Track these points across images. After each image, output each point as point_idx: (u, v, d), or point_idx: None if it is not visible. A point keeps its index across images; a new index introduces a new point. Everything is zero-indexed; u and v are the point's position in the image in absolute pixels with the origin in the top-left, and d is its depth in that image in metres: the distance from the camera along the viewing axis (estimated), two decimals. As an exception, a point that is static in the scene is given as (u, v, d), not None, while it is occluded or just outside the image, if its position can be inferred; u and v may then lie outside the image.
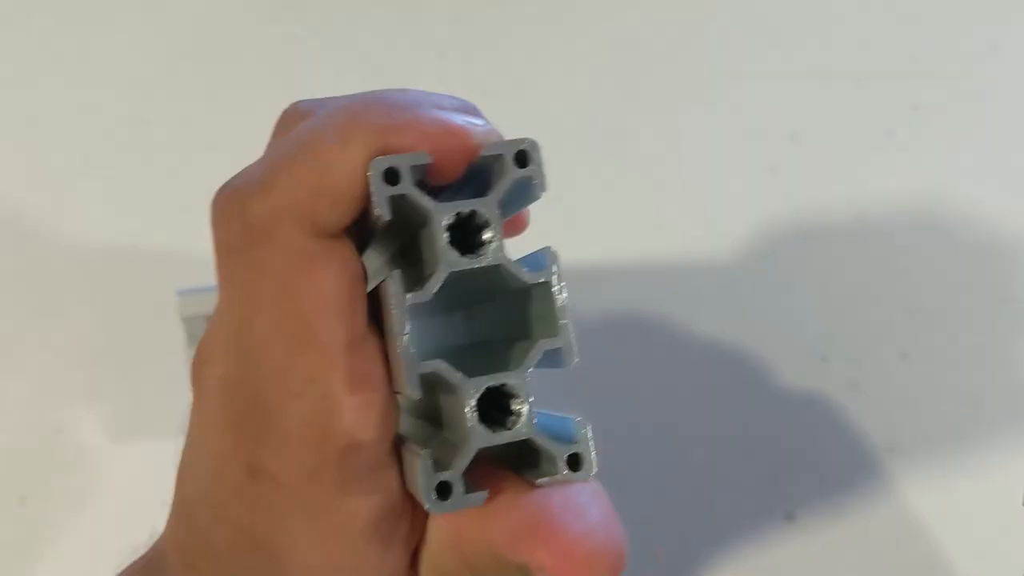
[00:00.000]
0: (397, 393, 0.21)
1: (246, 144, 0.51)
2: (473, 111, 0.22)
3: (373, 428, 0.20)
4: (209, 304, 0.39)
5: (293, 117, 0.22)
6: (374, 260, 0.24)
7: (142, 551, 0.26)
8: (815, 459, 0.46)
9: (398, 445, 0.21)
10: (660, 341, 0.48)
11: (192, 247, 0.52)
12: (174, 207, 0.52)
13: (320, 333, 0.19)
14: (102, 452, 0.47)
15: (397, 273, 0.19)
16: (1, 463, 0.47)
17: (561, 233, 0.51)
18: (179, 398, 0.44)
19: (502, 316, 0.22)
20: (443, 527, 0.21)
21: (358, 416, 0.20)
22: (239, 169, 0.22)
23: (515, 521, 0.20)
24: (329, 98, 0.22)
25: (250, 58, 0.57)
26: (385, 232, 0.21)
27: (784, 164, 0.52)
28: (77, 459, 0.40)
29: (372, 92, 0.21)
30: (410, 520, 0.22)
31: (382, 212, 0.19)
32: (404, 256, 0.22)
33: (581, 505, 0.20)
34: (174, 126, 0.55)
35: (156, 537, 0.25)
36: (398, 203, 0.19)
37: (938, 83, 0.54)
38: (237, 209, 0.20)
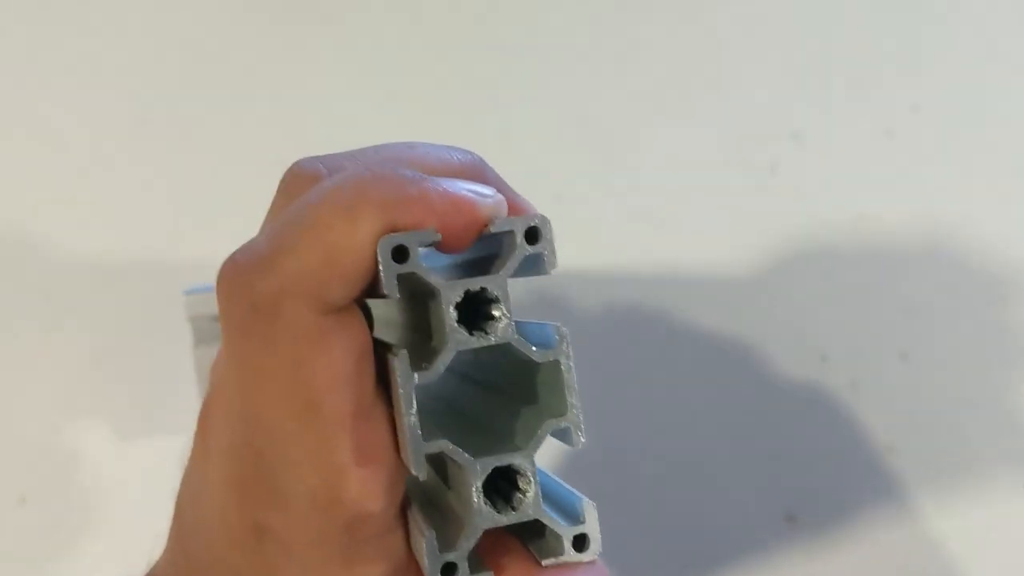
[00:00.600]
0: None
1: (250, 148, 0.52)
2: (479, 168, 0.22)
3: (380, 497, 0.20)
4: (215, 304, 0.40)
5: (297, 180, 0.22)
6: (387, 310, 0.23)
7: (140, 555, 0.26)
8: (815, 459, 0.46)
9: (404, 507, 0.21)
10: (660, 341, 0.48)
11: (197, 247, 0.52)
12: (179, 208, 0.52)
13: (328, 406, 0.19)
14: (104, 452, 0.47)
15: (404, 353, 0.19)
16: (1, 463, 0.47)
17: (561, 233, 0.51)
18: (185, 397, 0.44)
19: (514, 375, 0.22)
20: None
21: (365, 486, 0.20)
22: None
23: None
24: (332, 157, 0.22)
25: (255, 62, 0.57)
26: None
27: (784, 164, 0.52)
28: (77, 459, 0.40)
29: (379, 157, 0.21)
30: None
31: (390, 292, 0.19)
32: (416, 311, 0.21)
33: None
34: (179, 127, 0.55)
35: (152, 562, 0.25)
36: (407, 279, 0.19)
37: (938, 83, 0.54)
38: (244, 287, 0.20)
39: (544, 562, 0.20)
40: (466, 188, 0.20)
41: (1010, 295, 0.49)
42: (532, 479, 0.20)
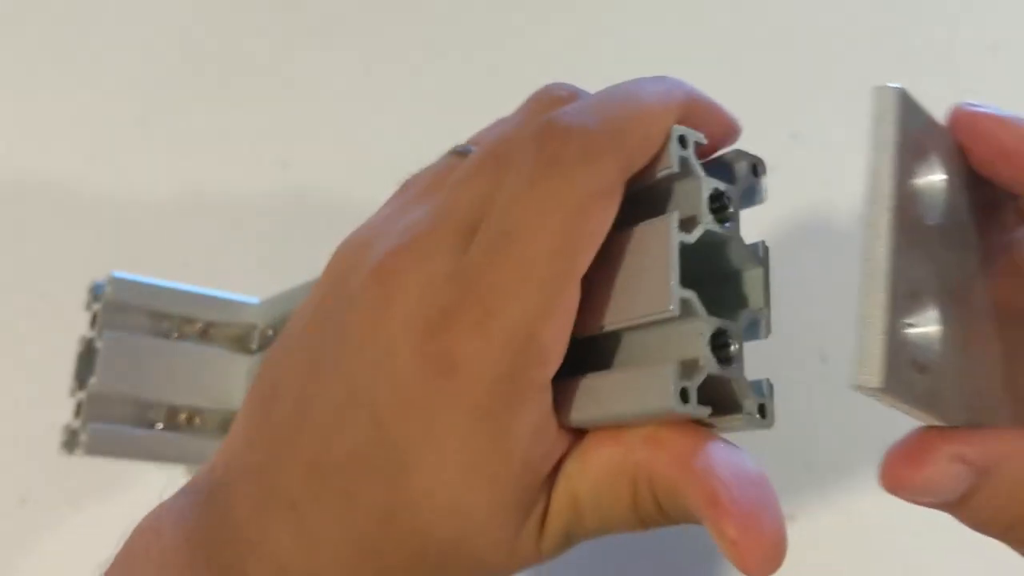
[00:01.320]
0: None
1: (248, 151, 0.51)
2: None
3: (561, 349, 0.22)
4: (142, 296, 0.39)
5: (551, 97, 0.26)
6: None
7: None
8: (815, 459, 0.46)
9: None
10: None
11: (198, 245, 0.52)
12: (181, 206, 0.52)
13: (579, 254, 0.22)
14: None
15: (676, 214, 0.23)
16: (1, 463, 0.47)
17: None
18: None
19: (710, 275, 0.25)
20: (613, 458, 0.23)
21: (557, 335, 0.22)
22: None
23: (714, 484, 0.22)
24: (574, 87, 0.27)
25: (239, 51, 0.57)
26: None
27: (784, 164, 0.52)
28: (77, 459, 0.40)
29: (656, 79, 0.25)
30: (552, 445, 0.23)
31: (674, 165, 0.23)
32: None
33: (770, 493, 0.22)
34: (179, 129, 0.55)
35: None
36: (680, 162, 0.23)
37: (938, 83, 0.54)
38: (578, 133, 0.22)
39: (738, 417, 0.24)
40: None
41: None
42: (740, 345, 0.24)
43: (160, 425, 0.39)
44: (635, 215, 0.24)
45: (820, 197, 0.51)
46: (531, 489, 0.23)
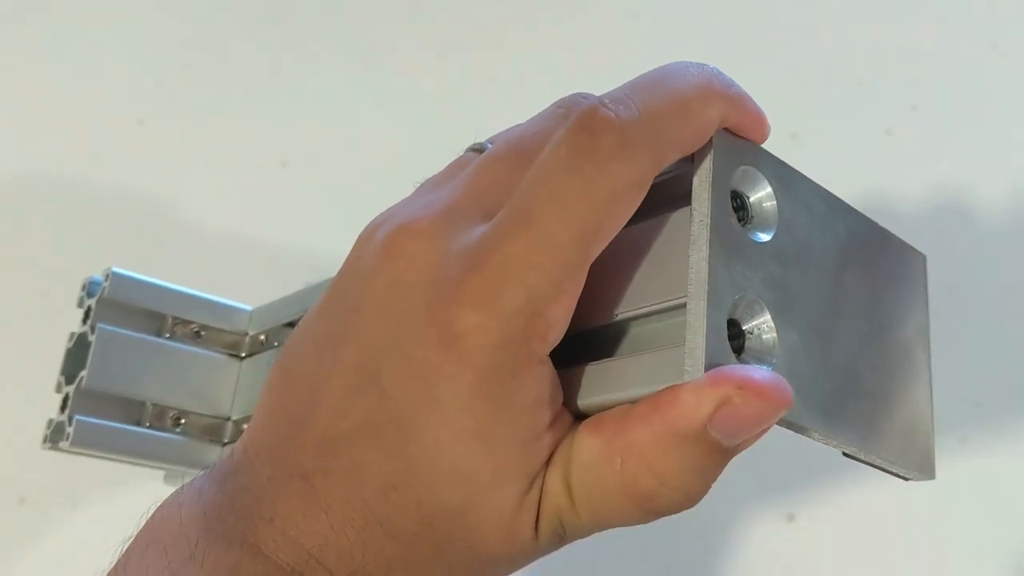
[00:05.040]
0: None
1: (250, 147, 0.51)
2: None
3: (563, 329, 0.23)
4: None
5: (576, 101, 0.25)
6: None
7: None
8: (815, 459, 0.46)
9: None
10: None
11: (197, 247, 0.52)
12: (178, 203, 0.52)
13: (598, 242, 0.22)
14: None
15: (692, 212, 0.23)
16: (1, 463, 0.47)
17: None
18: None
19: None
20: (593, 446, 0.23)
21: (563, 314, 0.22)
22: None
23: (694, 386, 0.22)
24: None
25: (240, 54, 0.57)
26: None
27: (784, 164, 0.52)
28: (77, 459, 0.40)
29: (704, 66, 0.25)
30: (555, 421, 0.23)
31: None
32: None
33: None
34: (176, 128, 0.55)
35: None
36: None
37: (938, 83, 0.54)
38: (617, 126, 0.23)
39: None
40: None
41: (1008, 294, 0.49)
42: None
43: (147, 424, 0.39)
44: (648, 205, 0.25)
45: (820, 197, 0.51)
46: (534, 461, 0.23)
